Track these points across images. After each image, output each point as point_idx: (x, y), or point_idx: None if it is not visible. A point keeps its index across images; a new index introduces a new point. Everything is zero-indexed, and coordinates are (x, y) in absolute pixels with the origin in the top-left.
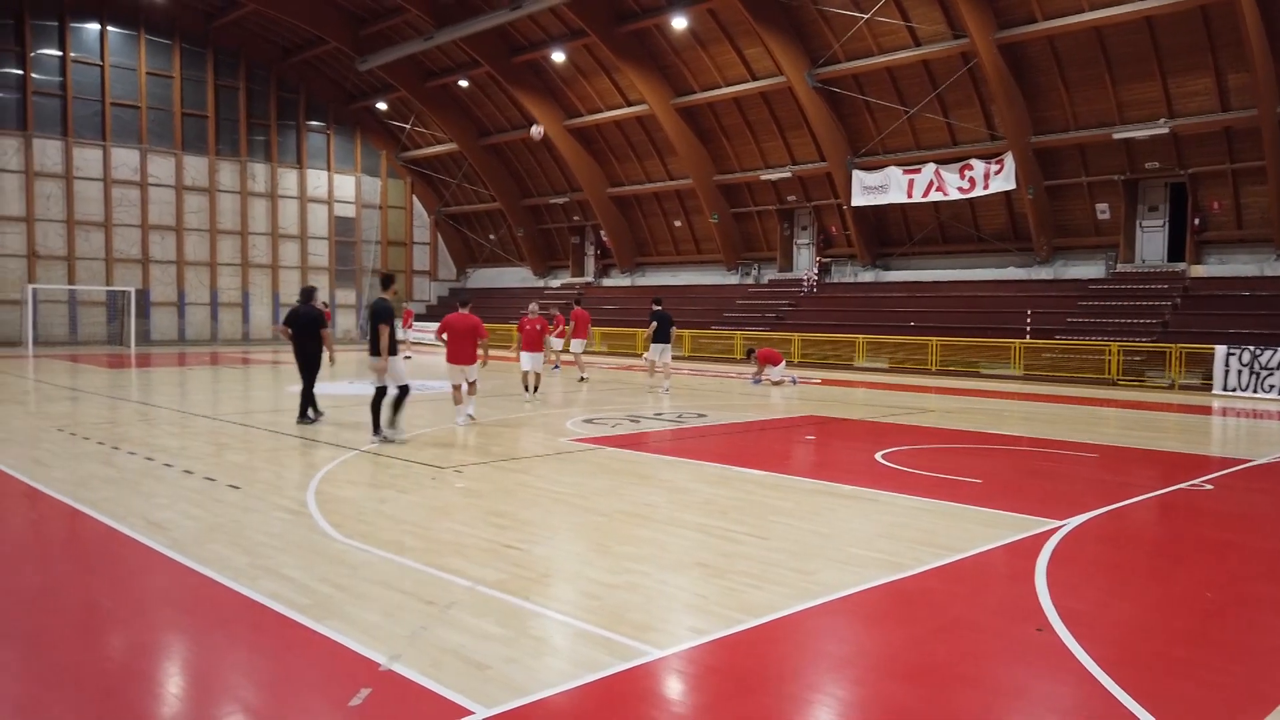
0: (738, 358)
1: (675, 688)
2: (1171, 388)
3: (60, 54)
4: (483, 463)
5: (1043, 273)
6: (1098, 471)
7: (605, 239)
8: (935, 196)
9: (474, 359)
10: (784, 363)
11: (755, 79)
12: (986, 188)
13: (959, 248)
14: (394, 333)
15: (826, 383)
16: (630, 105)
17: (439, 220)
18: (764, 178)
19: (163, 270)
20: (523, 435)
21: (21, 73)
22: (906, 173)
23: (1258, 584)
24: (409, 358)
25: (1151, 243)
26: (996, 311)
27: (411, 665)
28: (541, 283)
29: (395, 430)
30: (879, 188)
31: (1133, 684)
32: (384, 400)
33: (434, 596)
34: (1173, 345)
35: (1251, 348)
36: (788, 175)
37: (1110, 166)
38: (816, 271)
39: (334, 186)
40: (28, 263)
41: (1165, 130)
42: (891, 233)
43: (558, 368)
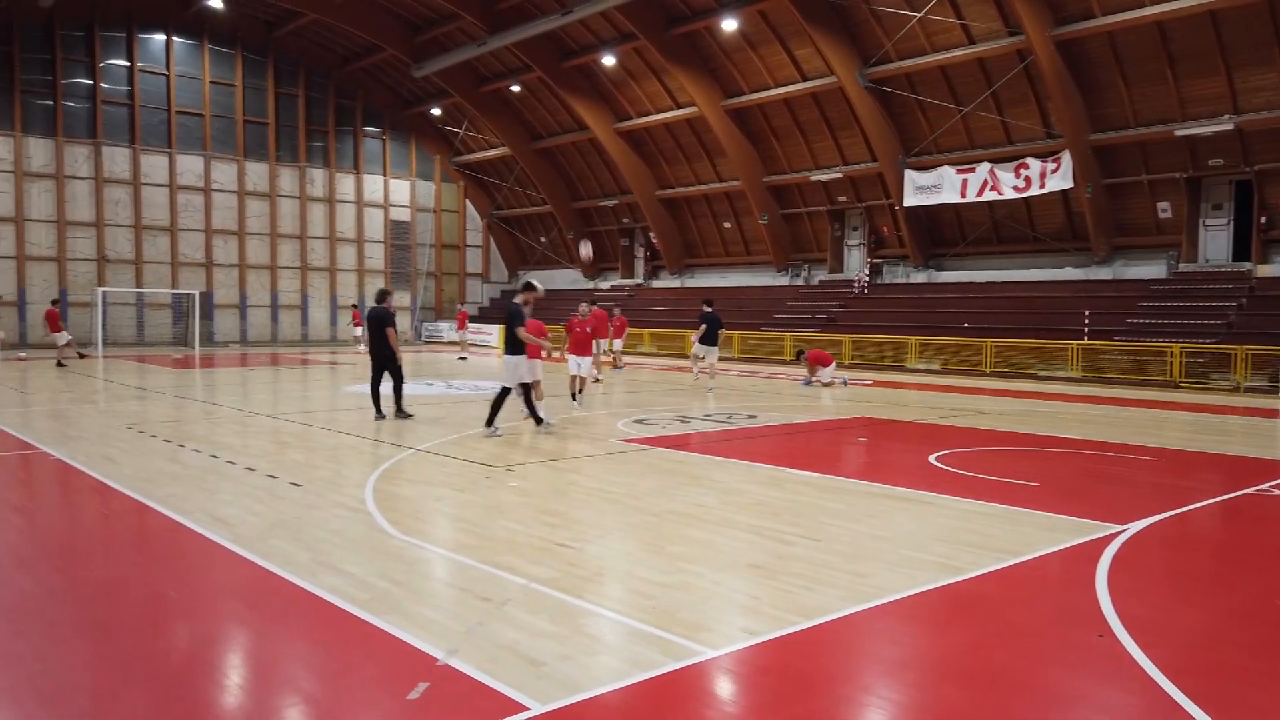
0: (787, 359)
1: (728, 688)
2: (1236, 390)
3: (128, 64)
4: (535, 462)
5: (1101, 273)
6: (1160, 475)
7: (655, 241)
8: (990, 196)
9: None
10: (834, 364)
11: (806, 79)
12: (1043, 187)
13: (1014, 248)
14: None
15: (878, 384)
16: (680, 107)
17: (491, 223)
18: (814, 178)
19: (225, 273)
20: (574, 435)
21: (91, 83)
22: (960, 172)
23: None
24: (464, 358)
25: (1215, 241)
26: (1053, 312)
27: (468, 660)
28: (592, 284)
29: (491, 428)
30: (932, 187)
31: (1198, 692)
32: (502, 398)
33: (489, 593)
34: (1238, 347)
35: None
36: (838, 176)
37: (1172, 164)
38: (868, 272)
39: (390, 191)
40: (97, 266)
41: (1230, 126)
42: (944, 233)
43: (619, 367)
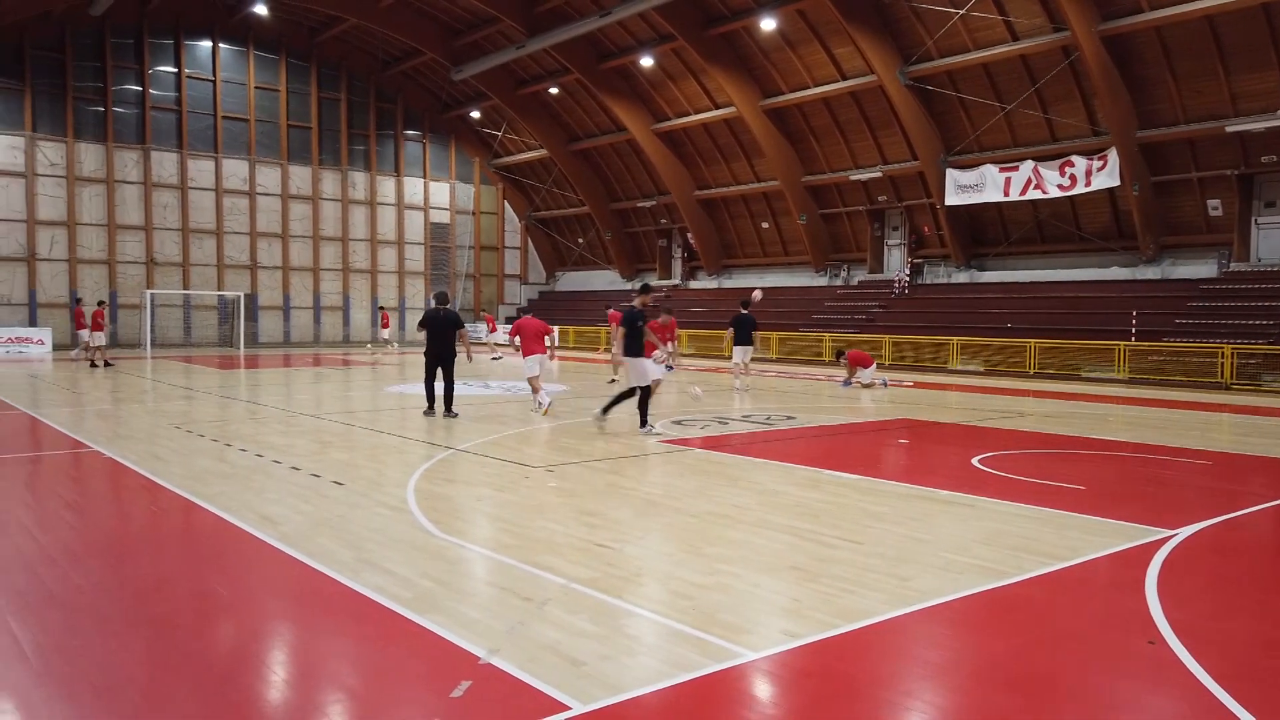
0: (826, 360)
1: (769, 690)
2: None
3: (175, 70)
4: (574, 463)
5: (1149, 272)
6: (1211, 479)
7: (692, 241)
8: (1034, 195)
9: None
10: (875, 365)
11: (845, 78)
12: (1088, 185)
13: (1059, 247)
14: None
15: (919, 385)
16: (718, 108)
17: (529, 225)
18: (854, 178)
19: (269, 275)
20: (612, 436)
21: (140, 89)
22: (1003, 170)
23: None
24: (498, 358)
25: (1269, 240)
26: (1099, 313)
27: (509, 659)
28: (629, 285)
29: (601, 417)
30: (974, 186)
31: (1252, 700)
32: (646, 397)
33: (530, 593)
34: None
35: None
36: (878, 175)
37: (1223, 161)
38: (908, 272)
39: (429, 193)
40: (146, 269)
41: None
42: (987, 232)
43: (671, 368)
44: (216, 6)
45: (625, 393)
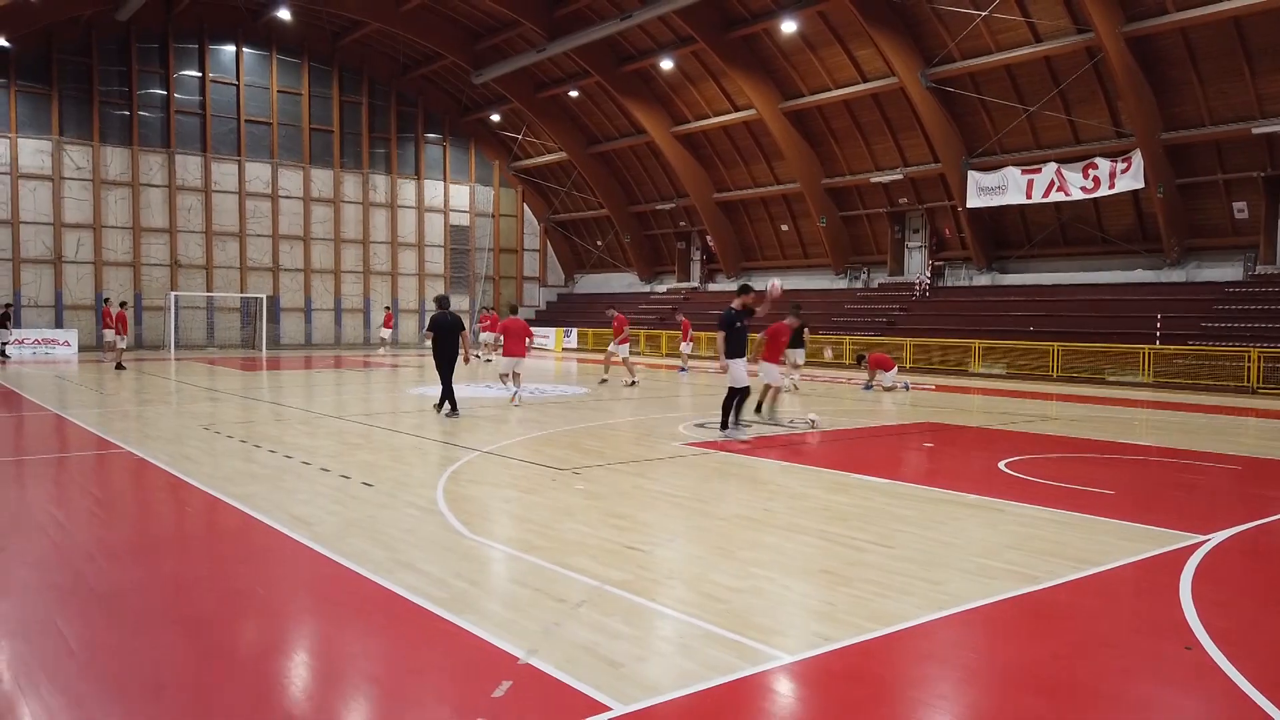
0: (847, 363)
1: (805, 693)
2: None
3: (200, 75)
4: (599, 465)
5: (1174, 275)
6: (1242, 484)
7: (711, 244)
8: (1056, 197)
9: (524, 353)
10: (896, 368)
11: (866, 80)
12: (1112, 187)
13: (1082, 249)
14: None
15: (941, 389)
16: (738, 110)
17: (548, 227)
18: (874, 180)
19: (291, 278)
20: (636, 438)
21: (165, 93)
22: (1025, 173)
23: None
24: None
25: None
26: (1123, 316)
27: (547, 660)
28: (648, 288)
29: (736, 429)
30: (996, 189)
31: None
32: (741, 401)
33: (563, 594)
34: None
35: None
36: (899, 177)
37: (1249, 163)
38: (929, 275)
39: (449, 196)
40: (170, 271)
41: None
42: (1009, 235)
43: (685, 370)
44: (240, 11)
45: (738, 397)
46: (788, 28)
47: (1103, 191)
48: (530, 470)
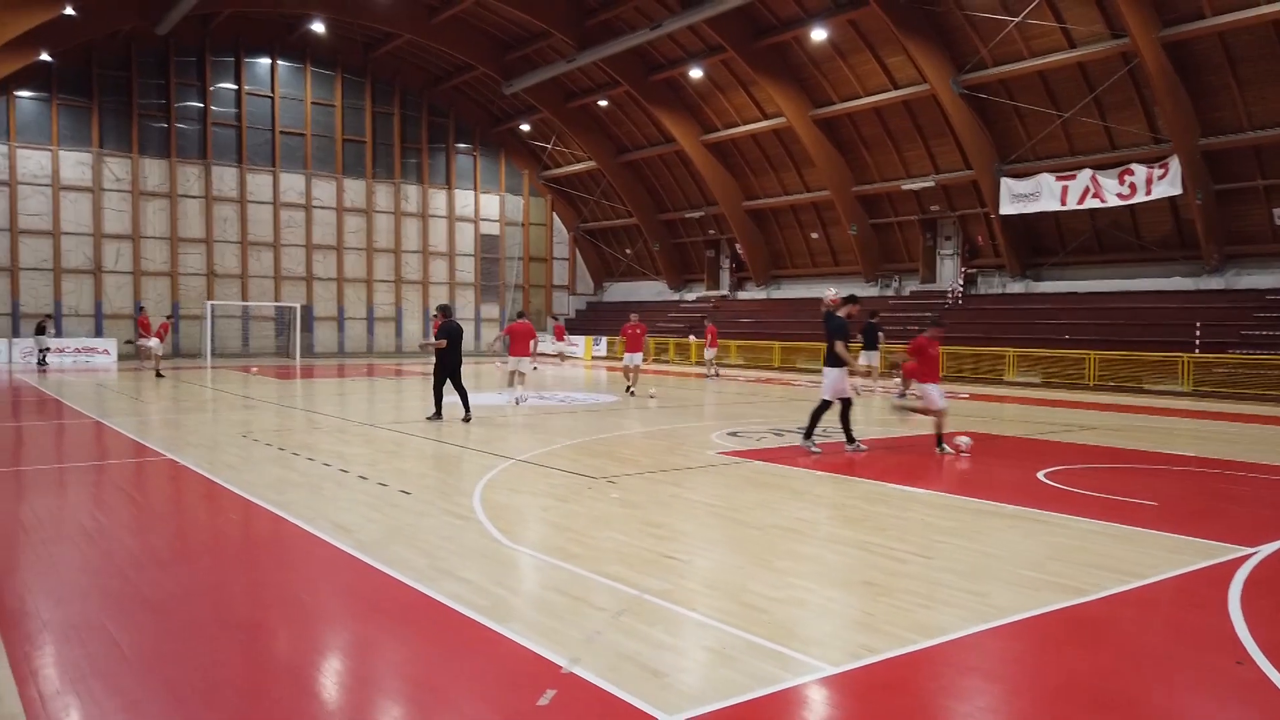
0: (881, 371)
1: (850, 704)
2: None
3: (235, 87)
4: (634, 474)
5: (1213, 282)
6: None
7: (740, 252)
8: (1092, 203)
9: (527, 353)
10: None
11: (897, 88)
12: (1149, 193)
13: (1118, 257)
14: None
15: (975, 398)
16: (767, 118)
17: (577, 236)
18: (905, 187)
19: (324, 287)
20: (670, 447)
21: (202, 105)
22: (1060, 179)
23: None
24: (536, 368)
25: None
26: (1161, 324)
27: (590, 669)
28: (677, 296)
29: (809, 441)
30: (1030, 195)
31: None
32: (847, 411)
33: (603, 603)
34: None
35: None
36: (931, 185)
37: None
38: (962, 282)
39: (480, 206)
40: (206, 281)
41: None
42: (1043, 242)
43: (712, 375)
44: (276, 24)
45: (840, 408)
46: (818, 36)
47: (1139, 198)
48: (566, 478)
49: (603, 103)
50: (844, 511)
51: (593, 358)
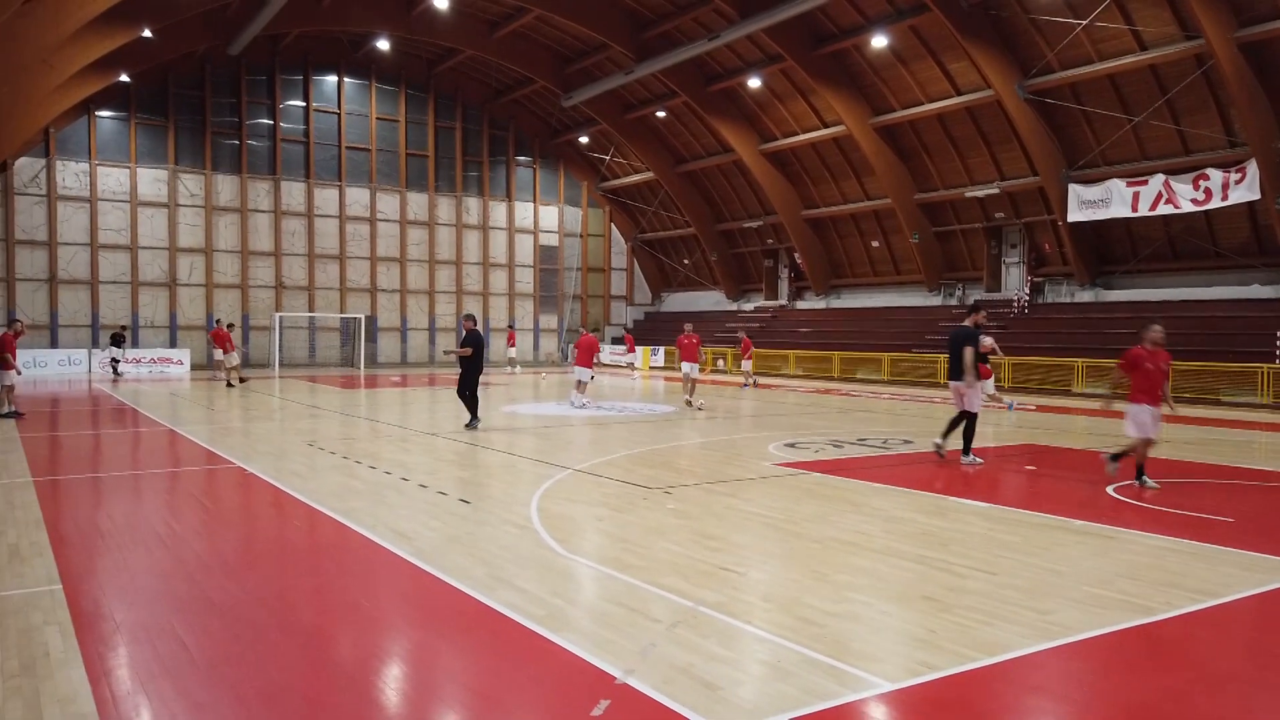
0: (941, 382)
1: None
2: None
3: (304, 104)
4: (689, 485)
5: None
6: None
7: (799, 261)
8: (1164, 209)
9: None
10: (992, 377)
11: (960, 94)
12: (1225, 199)
13: (1193, 264)
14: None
15: (1041, 409)
16: (827, 127)
17: (635, 246)
18: (969, 195)
19: (388, 298)
20: (726, 458)
21: (271, 122)
22: (1131, 185)
23: None
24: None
25: None
26: (1239, 334)
27: (645, 680)
28: (735, 306)
29: (969, 458)
30: (1099, 202)
31: None
32: (968, 423)
33: (659, 614)
34: None
35: None
36: (995, 192)
37: None
38: (1028, 291)
39: (539, 217)
40: (275, 293)
41: None
42: (1114, 249)
43: (748, 385)
44: (342, 43)
45: (968, 421)
46: (878, 43)
47: (1215, 204)
48: (622, 489)
49: (661, 114)
50: (903, 525)
51: (650, 367)
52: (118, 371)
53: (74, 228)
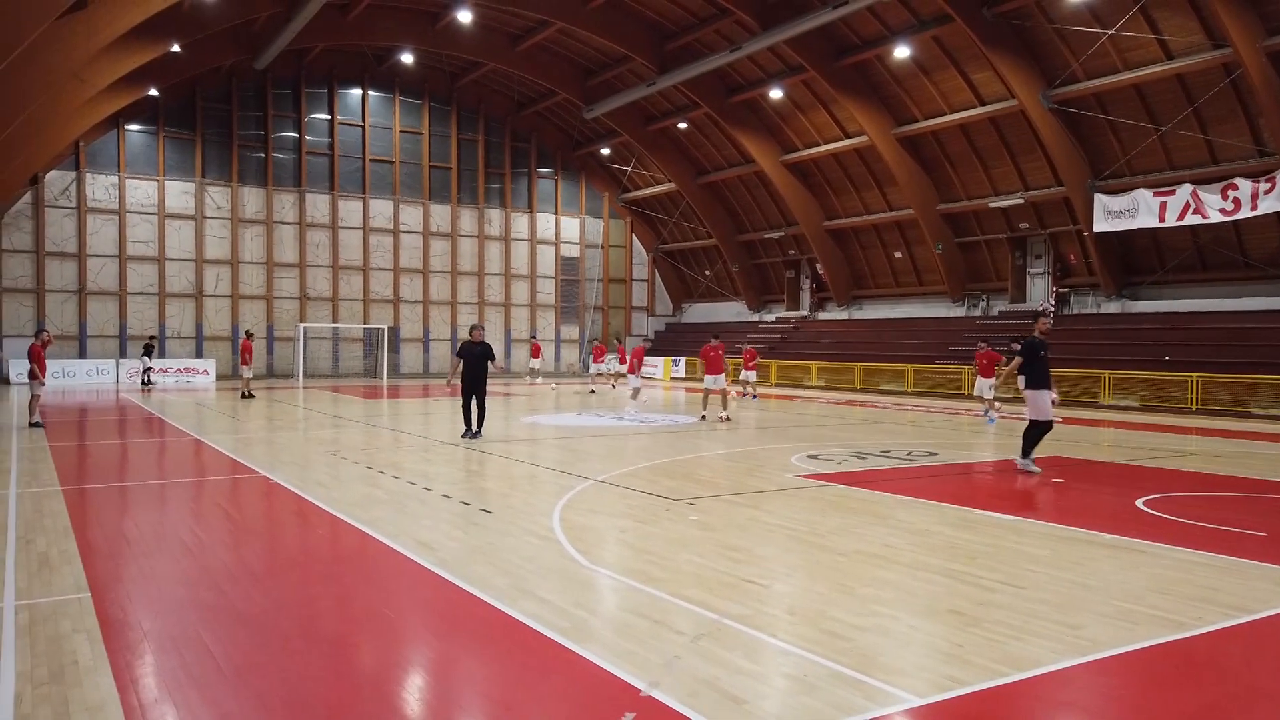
0: (965, 393)
1: None
2: None
3: (328, 117)
4: (712, 496)
5: None
6: None
7: (821, 272)
8: (1192, 220)
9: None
10: (992, 378)
11: (983, 104)
12: (1254, 209)
13: (1221, 275)
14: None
15: (1068, 422)
16: (849, 137)
17: (657, 257)
18: (993, 205)
19: (410, 309)
20: (749, 469)
21: (297, 135)
22: (1158, 195)
23: None
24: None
25: None
26: (1270, 345)
27: (669, 693)
28: (756, 317)
29: (1025, 461)
30: (1125, 212)
31: None
32: (1042, 433)
33: (683, 627)
34: None
35: None
36: (1019, 202)
37: None
38: (1053, 302)
39: (560, 228)
40: (300, 304)
41: None
42: (1140, 260)
43: (755, 397)
44: (367, 57)
45: (1039, 430)
46: (901, 53)
47: (1244, 214)
48: (644, 500)
49: (682, 125)
50: (930, 538)
51: (671, 379)
52: (150, 381)
53: (103, 240)
